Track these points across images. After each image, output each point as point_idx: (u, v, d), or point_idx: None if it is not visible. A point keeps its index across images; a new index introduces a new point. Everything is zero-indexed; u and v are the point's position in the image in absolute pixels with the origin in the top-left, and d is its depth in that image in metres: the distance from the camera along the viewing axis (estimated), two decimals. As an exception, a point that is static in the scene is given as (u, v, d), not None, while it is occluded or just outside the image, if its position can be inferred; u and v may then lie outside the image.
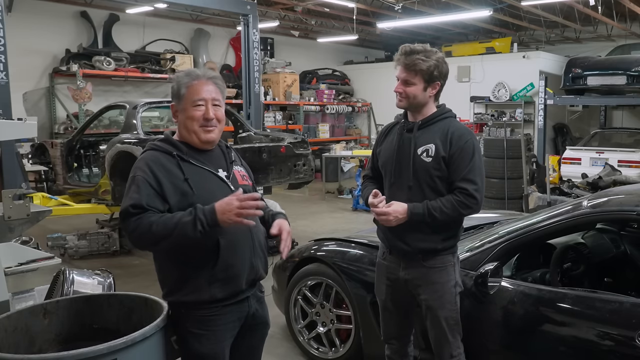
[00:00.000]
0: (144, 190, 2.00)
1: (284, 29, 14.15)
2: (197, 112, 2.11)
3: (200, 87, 2.12)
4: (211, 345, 2.11)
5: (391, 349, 2.80)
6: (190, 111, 2.12)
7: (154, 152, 2.13)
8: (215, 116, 2.14)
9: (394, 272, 2.66)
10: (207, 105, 2.12)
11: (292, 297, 3.75)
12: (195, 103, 2.11)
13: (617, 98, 11.92)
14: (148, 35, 12.00)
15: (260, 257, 2.20)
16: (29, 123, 3.51)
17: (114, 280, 2.79)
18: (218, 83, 2.17)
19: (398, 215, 2.47)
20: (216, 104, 2.15)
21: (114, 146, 5.70)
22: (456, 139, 2.51)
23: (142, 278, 5.41)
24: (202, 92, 2.12)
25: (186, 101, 2.12)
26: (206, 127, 2.13)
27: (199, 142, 2.15)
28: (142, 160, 2.10)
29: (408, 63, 2.51)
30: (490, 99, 13.65)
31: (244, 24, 8.63)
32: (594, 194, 3.42)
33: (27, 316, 2.17)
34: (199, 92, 2.11)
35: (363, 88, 16.13)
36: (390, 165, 2.63)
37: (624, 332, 2.30)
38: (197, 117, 2.11)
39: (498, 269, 2.66)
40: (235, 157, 2.31)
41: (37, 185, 8.05)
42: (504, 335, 2.69)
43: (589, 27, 13.53)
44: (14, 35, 7.90)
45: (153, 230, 1.95)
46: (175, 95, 2.15)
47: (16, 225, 3.18)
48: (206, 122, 2.12)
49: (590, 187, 8.20)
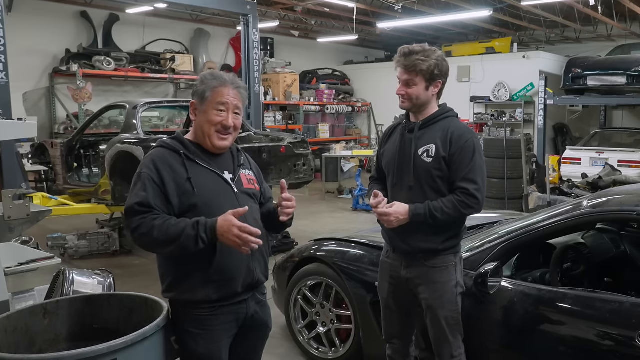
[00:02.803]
0: (150, 188, 2.02)
1: (284, 29, 14.15)
2: (217, 117, 2.12)
3: (226, 92, 2.13)
4: (207, 345, 2.11)
5: (392, 349, 2.80)
6: (211, 115, 2.12)
7: (161, 150, 2.14)
8: (234, 124, 2.16)
9: (396, 271, 2.66)
10: (228, 112, 2.13)
11: (292, 297, 3.75)
12: (218, 107, 2.12)
13: (617, 98, 11.92)
14: (148, 35, 12.00)
15: (259, 261, 2.20)
16: (29, 123, 3.51)
17: (114, 280, 2.79)
18: (242, 92, 2.20)
19: (399, 216, 2.47)
20: (237, 112, 2.17)
21: (114, 146, 5.69)
22: (456, 138, 2.50)
23: (142, 278, 5.41)
24: (227, 97, 2.13)
25: (209, 104, 2.13)
26: (222, 134, 2.14)
27: (212, 147, 2.16)
28: (149, 157, 2.13)
29: (408, 64, 2.51)
30: (490, 99, 13.66)
31: (244, 24, 8.63)
32: (594, 194, 3.42)
33: (27, 316, 2.17)
34: (224, 97, 2.13)
35: (363, 88, 16.14)
36: (392, 166, 2.64)
37: (624, 332, 2.30)
38: (215, 122, 2.12)
39: (498, 269, 2.66)
40: (245, 161, 2.31)
41: (37, 185, 8.05)
42: (504, 335, 2.69)
43: (589, 27, 13.53)
44: (14, 35, 7.90)
45: (155, 235, 1.97)
46: (200, 95, 2.15)
47: (16, 225, 3.18)
48: (224, 129, 2.13)
49: (590, 187, 8.20)
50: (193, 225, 1.96)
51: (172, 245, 1.97)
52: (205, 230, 1.95)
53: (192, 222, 1.97)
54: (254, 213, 2.21)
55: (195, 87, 2.19)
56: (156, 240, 1.98)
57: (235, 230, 1.93)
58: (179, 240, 1.95)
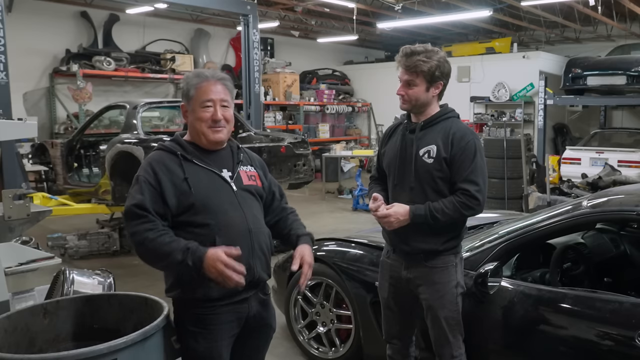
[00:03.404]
0: (146, 191, 2.05)
1: (284, 29, 14.14)
2: (205, 113, 2.13)
3: (209, 88, 2.14)
4: (208, 344, 2.11)
5: (393, 349, 2.80)
6: (198, 112, 2.14)
7: (159, 153, 2.17)
8: (224, 117, 2.16)
9: (397, 271, 2.66)
10: (215, 107, 2.14)
11: (292, 297, 3.75)
12: (204, 104, 2.13)
13: (617, 98, 11.92)
14: (148, 35, 12.01)
15: (260, 258, 2.19)
16: (29, 123, 3.51)
17: (114, 280, 2.79)
18: (227, 84, 2.20)
19: (399, 217, 2.47)
20: (225, 105, 2.17)
21: (114, 146, 5.70)
22: (458, 139, 2.50)
23: (142, 278, 5.41)
24: (211, 93, 2.13)
25: (195, 102, 2.15)
26: (214, 128, 2.15)
27: (207, 143, 2.17)
28: (147, 160, 2.15)
29: (409, 65, 2.50)
30: (490, 99, 13.66)
31: (244, 24, 8.63)
32: (593, 194, 3.42)
33: (27, 316, 2.17)
34: (208, 93, 2.13)
35: (363, 88, 16.14)
36: (393, 166, 2.64)
37: (624, 332, 2.30)
38: (205, 119, 2.13)
39: (498, 269, 2.66)
40: (245, 158, 2.31)
41: (37, 185, 8.05)
42: (504, 335, 2.69)
43: (589, 27, 13.52)
44: (14, 35, 7.89)
45: (147, 246, 2.01)
46: (185, 95, 2.18)
47: (16, 225, 3.18)
48: (214, 123, 2.14)
49: (590, 187, 8.20)
50: (183, 251, 1.97)
51: (160, 263, 2.05)
52: (193, 259, 1.96)
53: (182, 247, 1.98)
54: (254, 209, 2.22)
55: (182, 89, 2.21)
56: (147, 254, 2.04)
57: (220, 266, 1.94)
58: (166, 260, 2.00)
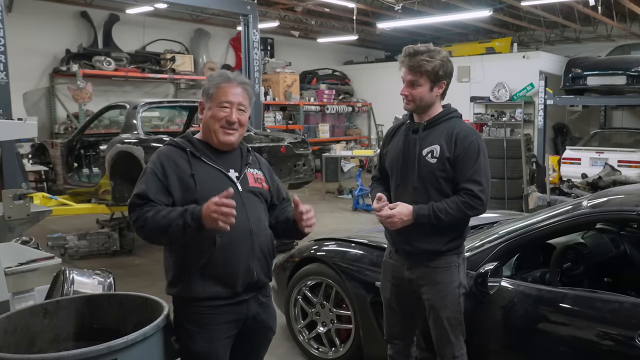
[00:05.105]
0: (151, 182, 2.08)
1: (284, 29, 14.14)
2: (221, 112, 2.16)
3: (229, 89, 2.17)
4: (205, 344, 2.12)
5: (394, 349, 2.80)
6: (215, 111, 2.17)
7: (169, 147, 2.21)
8: (238, 120, 2.18)
9: (399, 272, 2.65)
10: (232, 109, 2.17)
11: (292, 297, 3.75)
12: (222, 104, 2.16)
13: (617, 98, 11.92)
14: (148, 35, 12.00)
15: (260, 260, 2.19)
16: (29, 123, 3.50)
17: (114, 280, 2.79)
18: (247, 89, 2.23)
19: (403, 217, 2.46)
20: (241, 109, 2.20)
21: (114, 146, 5.69)
22: (461, 139, 2.50)
23: (142, 278, 5.41)
24: (230, 94, 2.17)
25: (213, 100, 2.18)
26: (226, 130, 2.17)
27: (217, 143, 2.20)
28: (157, 153, 2.20)
29: (413, 65, 2.49)
30: (490, 99, 13.65)
31: (244, 24, 8.63)
32: (593, 194, 3.42)
33: (27, 316, 2.17)
34: (227, 94, 2.16)
35: (363, 88, 16.13)
36: (396, 166, 2.63)
37: (624, 332, 2.30)
38: (219, 117, 2.16)
39: (498, 269, 2.66)
40: (253, 160, 2.33)
41: (37, 185, 8.06)
42: (504, 335, 2.69)
43: (589, 27, 13.52)
44: (14, 35, 7.89)
45: (148, 226, 2.03)
46: (205, 92, 2.21)
47: (16, 225, 3.18)
48: (228, 124, 2.17)
49: (590, 187, 8.20)
50: (181, 214, 2.00)
51: (164, 235, 2.04)
52: (192, 217, 1.98)
53: (180, 212, 2.01)
54: (257, 211, 2.23)
55: (203, 86, 2.25)
56: (150, 232, 2.05)
57: (212, 206, 1.93)
58: (169, 229, 2.00)
